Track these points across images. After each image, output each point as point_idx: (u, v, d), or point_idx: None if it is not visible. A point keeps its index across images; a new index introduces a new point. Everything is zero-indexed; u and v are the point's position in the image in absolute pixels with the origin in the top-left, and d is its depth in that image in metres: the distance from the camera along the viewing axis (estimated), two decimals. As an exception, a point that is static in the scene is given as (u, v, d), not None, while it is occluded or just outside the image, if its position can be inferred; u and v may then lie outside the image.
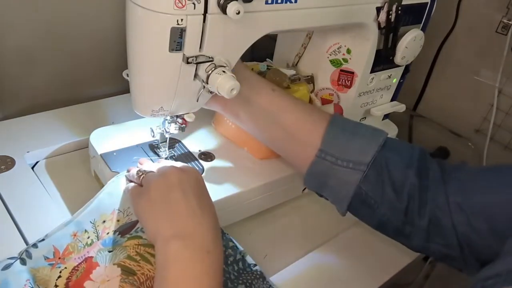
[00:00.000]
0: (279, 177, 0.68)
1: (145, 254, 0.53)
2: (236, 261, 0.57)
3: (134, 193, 0.54)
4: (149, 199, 0.51)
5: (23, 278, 0.51)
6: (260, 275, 0.56)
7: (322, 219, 0.74)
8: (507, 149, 0.90)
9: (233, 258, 0.57)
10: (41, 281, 0.51)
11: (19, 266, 0.51)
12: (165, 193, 0.50)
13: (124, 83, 0.59)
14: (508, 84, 0.87)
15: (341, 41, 0.72)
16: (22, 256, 0.52)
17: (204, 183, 0.55)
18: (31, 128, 0.75)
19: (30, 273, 0.51)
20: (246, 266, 0.57)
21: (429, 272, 0.94)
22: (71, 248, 0.54)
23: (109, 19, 0.83)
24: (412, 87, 1.00)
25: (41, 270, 0.52)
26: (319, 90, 0.78)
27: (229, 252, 0.58)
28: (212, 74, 0.53)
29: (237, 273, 0.56)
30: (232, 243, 0.59)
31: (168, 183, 0.51)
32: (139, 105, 0.58)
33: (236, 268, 0.56)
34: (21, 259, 0.52)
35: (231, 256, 0.58)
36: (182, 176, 0.52)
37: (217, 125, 0.75)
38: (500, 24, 0.86)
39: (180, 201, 0.49)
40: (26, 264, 0.52)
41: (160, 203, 0.50)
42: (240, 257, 0.58)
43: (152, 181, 0.52)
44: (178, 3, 0.47)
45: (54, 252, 0.54)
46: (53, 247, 0.54)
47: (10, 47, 0.75)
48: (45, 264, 0.53)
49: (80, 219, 0.56)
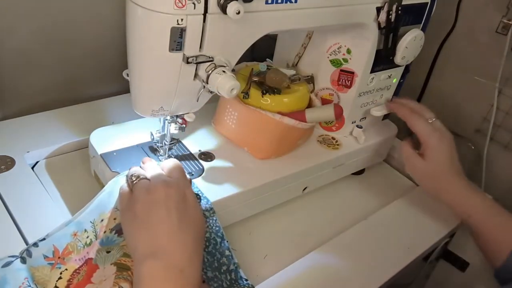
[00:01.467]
0: (279, 177, 0.68)
1: None
2: (229, 271, 0.57)
3: (123, 201, 0.54)
4: (134, 213, 0.51)
5: (22, 276, 0.51)
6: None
7: (322, 219, 0.74)
8: (507, 149, 0.90)
9: (226, 267, 0.58)
10: (39, 281, 0.52)
11: (18, 264, 0.52)
12: (148, 210, 0.51)
13: (124, 83, 0.59)
14: (508, 84, 0.87)
15: (341, 41, 0.72)
16: (23, 255, 0.53)
17: (193, 196, 0.55)
18: (31, 128, 0.75)
19: (29, 272, 0.52)
20: (238, 278, 0.57)
21: (429, 272, 0.94)
22: (71, 248, 0.54)
23: (109, 19, 0.83)
24: (412, 87, 1.00)
25: (40, 269, 0.52)
26: (319, 90, 0.78)
27: (223, 261, 0.58)
28: (212, 74, 0.53)
29: (229, 282, 0.56)
30: (229, 253, 0.59)
31: (154, 199, 0.51)
32: (139, 105, 0.58)
33: (228, 277, 0.56)
34: (21, 258, 0.52)
35: (224, 265, 0.58)
36: (169, 192, 0.52)
37: (217, 125, 0.75)
38: (500, 24, 0.85)
39: (162, 219, 0.50)
40: (26, 262, 0.52)
41: (142, 219, 0.50)
42: (233, 268, 0.58)
43: (140, 194, 0.52)
44: (178, 3, 0.47)
45: (54, 252, 0.54)
46: (53, 246, 0.54)
47: (11, 47, 0.75)
48: (45, 263, 0.53)
49: (81, 219, 0.56)
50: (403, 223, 0.74)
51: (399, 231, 0.72)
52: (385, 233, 0.71)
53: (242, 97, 0.69)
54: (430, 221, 0.75)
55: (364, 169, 0.86)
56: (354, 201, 0.79)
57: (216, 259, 0.57)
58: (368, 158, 0.84)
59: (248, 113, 0.69)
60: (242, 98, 0.69)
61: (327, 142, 0.78)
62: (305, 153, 0.74)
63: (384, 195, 0.81)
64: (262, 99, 0.68)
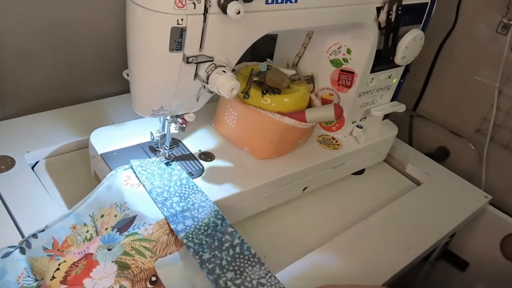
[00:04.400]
0: (279, 177, 0.68)
1: (140, 248, 0.54)
2: (233, 246, 0.57)
3: None
4: None
5: (21, 266, 0.51)
6: (257, 261, 0.56)
7: (322, 219, 0.74)
8: (507, 149, 0.90)
9: (229, 244, 0.57)
10: (38, 271, 0.52)
11: (18, 255, 0.52)
12: None
13: (124, 83, 0.59)
14: (508, 84, 0.87)
15: (341, 41, 0.72)
16: (22, 245, 0.53)
17: None
18: (31, 128, 0.75)
19: (28, 262, 0.52)
20: (244, 250, 0.57)
21: (429, 272, 0.94)
22: (70, 241, 0.55)
23: (109, 19, 0.83)
24: (412, 87, 1.00)
25: (39, 260, 0.53)
26: (319, 90, 0.78)
27: (225, 238, 0.58)
28: (212, 74, 0.53)
29: (231, 258, 0.56)
30: (232, 229, 0.59)
31: None
32: (139, 105, 0.58)
33: (231, 253, 0.56)
34: (20, 248, 0.53)
35: (227, 242, 0.57)
36: None
37: (217, 125, 0.75)
38: (500, 24, 0.86)
39: None
40: (25, 253, 0.53)
41: None
42: (238, 242, 0.58)
43: None
44: (178, 3, 0.47)
45: (53, 244, 0.54)
46: (52, 238, 0.55)
47: (11, 47, 0.75)
48: (44, 255, 0.53)
49: (80, 211, 0.57)
50: (403, 223, 0.73)
51: (399, 231, 0.72)
52: (385, 233, 0.71)
53: (242, 97, 0.69)
54: (430, 221, 0.75)
55: (364, 169, 0.86)
56: (354, 201, 0.79)
57: (216, 238, 0.57)
58: (368, 158, 0.84)
59: (248, 113, 0.69)
60: (242, 98, 0.69)
61: (327, 142, 0.78)
62: (305, 153, 0.74)
63: (384, 195, 0.81)
64: (262, 99, 0.68)
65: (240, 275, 0.54)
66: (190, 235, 0.56)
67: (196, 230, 0.57)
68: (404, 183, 0.87)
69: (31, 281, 0.51)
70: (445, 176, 0.88)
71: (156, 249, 0.55)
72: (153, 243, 0.55)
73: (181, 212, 0.58)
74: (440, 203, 0.79)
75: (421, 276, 0.94)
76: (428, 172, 0.86)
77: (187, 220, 0.58)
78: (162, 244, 0.55)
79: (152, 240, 0.55)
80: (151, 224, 0.56)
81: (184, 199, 0.60)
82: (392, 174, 0.89)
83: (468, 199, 0.82)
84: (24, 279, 0.51)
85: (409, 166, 0.88)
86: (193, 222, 0.58)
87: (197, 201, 0.60)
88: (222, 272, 0.54)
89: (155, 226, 0.56)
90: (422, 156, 0.91)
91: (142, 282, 0.52)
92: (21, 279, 0.51)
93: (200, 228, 0.57)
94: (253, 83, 0.70)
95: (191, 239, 0.56)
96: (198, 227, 0.57)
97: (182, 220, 0.57)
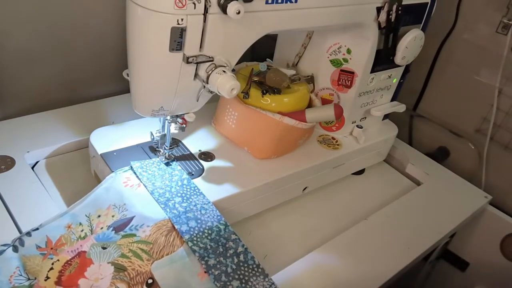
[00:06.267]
0: (279, 177, 0.68)
1: (137, 250, 0.54)
2: (237, 253, 0.57)
3: None
4: None
5: (13, 265, 0.51)
6: (261, 272, 0.56)
7: (322, 219, 0.74)
8: (507, 149, 0.90)
9: (233, 251, 0.57)
10: (30, 270, 0.51)
11: (10, 253, 0.52)
12: None
13: (124, 83, 0.59)
14: (508, 84, 0.87)
15: (341, 41, 0.72)
16: (15, 243, 0.53)
17: None
18: (31, 128, 0.75)
19: (20, 261, 0.52)
20: (249, 259, 0.57)
21: (429, 272, 0.94)
22: (64, 240, 0.55)
23: (109, 19, 0.83)
24: (412, 87, 1.00)
25: (32, 259, 0.52)
26: (319, 90, 0.78)
27: (229, 245, 0.58)
28: (212, 74, 0.53)
29: (236, 266, 0.56)
30: (235, 236, 0.59)
31: None
32: (139, 105, 0.58)
33: (235, 260, 0.56)
34: (13, 246, 0.52)
35: (231, 249, 0.57)
36: None
37: (217, 125, 0.75)
38: (500, 24, 0.85)
39: None
40: (18, 251, 0.52)
41: None
42: (242, 250, 0.58)
43: None
44: (178, 3, 0.47)
45: (47, 242, 0.54)
46: (46, 237, 0.54)
47: (11, 48, 0.75)
48: (37, 253, 0.53)
49: (76, 211, 0.56)
50: (403, 223, 0.73)
51: (399, 231, 0.72)
52: (385, 233, 0.71)
53: (242, 97, 0.69)
54: (430, 221, 0.75)
55: (364, 169, 0.86)
56: (354, 201, 0.79)
57: (220, 244, 0.57)
58: (368, 158, 0.84)
59: (248, 113, 0.69)
60: (242, 98, 0.69)
61: (327, 142, 0.78)
62: (305, 153, 0.74)
63: (384, 195, 0.81)
64: (262, 99, 0.68)
65: (245, 284, 0.54)
66: (195, 238, 0.56)
67: (200, 233, 0.57)
68: (404, 183, 0.87)
69: (23, 280, 0.50)
70: (445, 176, 0.88)
71: (153, 251, 0.55)
72: (150, 245, 0.55)
73: (184, 213, 0.58)
74: (440, 203, 0.79)
75: (421, 276, 0.94)
76: (428, 172, 0.86)
77: (191, 221, 0.58)
78: (159, 246, 0.55)
79: (149, 243, 0.55)
80: (149, 226, 0.56)
81: (186, 200, 0.60)
82: (392, 174, 0.89)
83: (468, 199, 0.82)
84: (16, 278, 0.50)
85: (409, 166, 0.88)
86: (196, 224, 0.58)
87: (199, 202, 0.60)
88: (228, 280, 0.54)
89: (153, 228, 0.56)
90: (422, 156, 0.92)
91: (138, 286, 0.52)
92: (13, 278, 0.50)
93: (204, 232, 0.57)
94: (253, 83, 0.70)
95: (196, 243, 0.56)
96: (202, 230, 0.57)
97: (186, 221, 0.57)
